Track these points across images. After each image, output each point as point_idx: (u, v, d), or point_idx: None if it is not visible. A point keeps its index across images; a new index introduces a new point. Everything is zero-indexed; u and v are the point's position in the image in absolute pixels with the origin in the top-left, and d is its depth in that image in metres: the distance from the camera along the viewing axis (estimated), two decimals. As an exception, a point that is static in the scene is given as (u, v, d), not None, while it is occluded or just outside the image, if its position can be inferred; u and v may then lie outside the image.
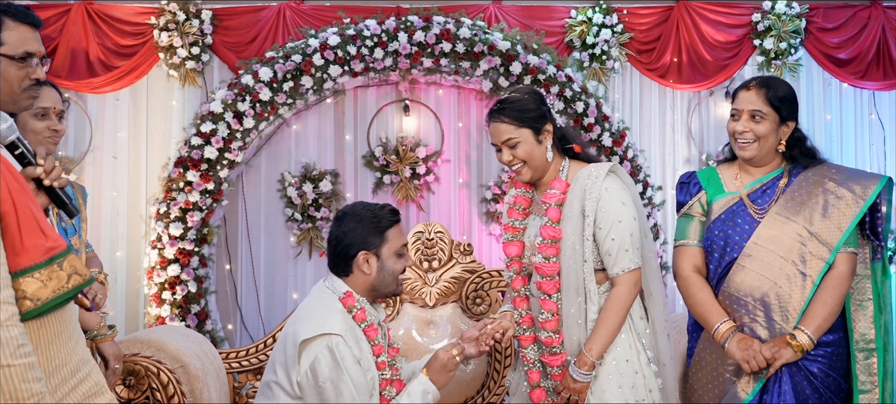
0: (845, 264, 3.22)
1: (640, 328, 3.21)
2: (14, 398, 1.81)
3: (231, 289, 6.30)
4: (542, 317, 3.21)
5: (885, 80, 6.54)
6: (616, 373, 3.13)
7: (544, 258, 3.19)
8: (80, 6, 6.03)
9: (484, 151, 6.42)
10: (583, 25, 6.30)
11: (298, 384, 3.05)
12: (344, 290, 3.17)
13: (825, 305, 3.18)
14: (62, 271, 1.98)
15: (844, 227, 3.19)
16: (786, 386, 3.18)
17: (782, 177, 3.36)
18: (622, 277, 3.12)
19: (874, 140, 6.67)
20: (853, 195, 3.21)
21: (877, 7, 6.47)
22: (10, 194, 1.92)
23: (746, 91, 3.33)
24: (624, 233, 3.12)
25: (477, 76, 6.00)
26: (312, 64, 5.80)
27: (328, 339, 3.03)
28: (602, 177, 3.17)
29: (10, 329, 1.82)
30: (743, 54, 6.46)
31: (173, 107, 6.22)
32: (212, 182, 5.84)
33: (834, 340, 3.24)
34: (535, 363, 3.29)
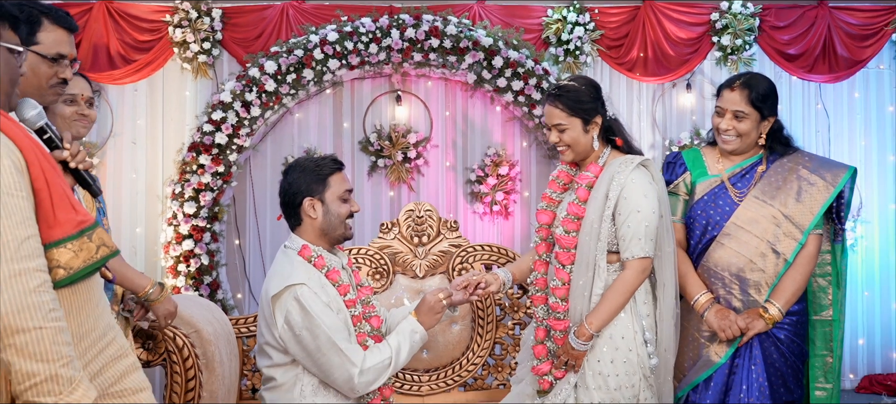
0: (814, 244, 3.24)
1: (642, 311, 3.17)
2: (45, 358, 1.80)
3: (240, 261, 6.31)
4: (553, 284, 3.20)
5: (831, 73, 6.56)
6: (610, 348, 3.12)
7: (565, 231, 3.18)
8: (101, 5, 6.00)
9: (468, 137, 6.43)
10: (558, 23, 6.31)
11: (280, 338, 3.04)
12: (300, 244, 3.15)
13: (794, 281, 3.21)
14: (92, 243, 1.97)
15: (816, 211, 3.21)
16: (756, 350, 3.21)
17: (760, 163, 3.36)
18: (631, 262, 3.09)
19: (820, 128, 6.71)
20: (824, 182, 3.23)
21: (823, 7, 6.49)
22: (42, 173, 1.92)
23: (730, 91, 3.31)
24: (639, 222, 3.08)
25: (462, 69, 6.00)
26: (313, 58, 5.79)
27: (293, 290, 3.01)
28: (630, 168, 3.14)
29: (41, 294, 1.81)
30: (702, 50, 6.48)
31: (187, 98, 6.21)
32: (222, 165, 5.83)
33: (799, 310, 3.27)
34: (542, 321, 3.29)
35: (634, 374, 3.13)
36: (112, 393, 2.08)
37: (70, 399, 1.83)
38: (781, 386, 3.20)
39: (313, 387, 3.07)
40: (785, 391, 3.21)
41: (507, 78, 5.98)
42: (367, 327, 3.14)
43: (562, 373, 3.19)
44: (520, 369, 3.49)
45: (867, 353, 6.78)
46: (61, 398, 1.82)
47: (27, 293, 1.80)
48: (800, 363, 3.30)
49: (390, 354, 3.08)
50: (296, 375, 3.07)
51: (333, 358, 2.99)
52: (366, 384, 3.04)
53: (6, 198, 1.81)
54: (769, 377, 3.19)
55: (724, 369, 3.25)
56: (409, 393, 4.15)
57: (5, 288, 1.78)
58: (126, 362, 2.15)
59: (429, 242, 4.24)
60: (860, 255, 6.68)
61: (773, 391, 3.18)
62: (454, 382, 4.21)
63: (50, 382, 1.81)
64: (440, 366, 4.22)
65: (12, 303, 1.78)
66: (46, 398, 1.82)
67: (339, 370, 3.01)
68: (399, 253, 4.20)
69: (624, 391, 3.11)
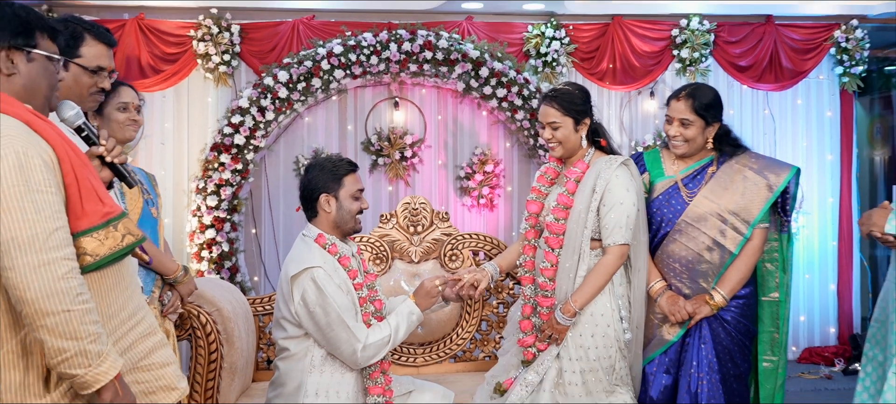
0: (759, 238, 3.22)
1: (619, 292, 3.18)
2: (74, 336, 1.80)
3: (256, 248, 6.30)
4: (543, 265, 3.20)
5: (777, 82, 6.59)
6: (591, 324, 3.13)
7: (555, 219, 3.18)
8: (133, 21, 5.98)
9: (458, 139, 6.43)
10: (537, 38, 6.31)
11: (296, 313, 3.04)
12: (316, 233, 3.15)
13: (739, 271, 3.19)
14: (117, 232, 1.95)
15: (759, 209, 3.18)
16: (705, 331, 3.20)
17: (711, 165, 3.32)
18: (612, 248, 3.10)
19: (767, 131, 6.73)
20: (768, 182, 3.20)
21: (770, 24, 6.51)
22: (72, 168, 1.90)
23: (676, 101, 3.28)
24: (622, 213, 3.09)
25: (453, 78, 6.00)
26: (321, 68, 5.78)
27: (310, 272, 3.01)
28: (615, 166, 3.15)
29: (69, 280, 1.80)
30: (664, 62, 6.49)
31: (209, 103, 6.19)
32: (240, 163, 5.83)
33: (747, 293, 3.25)
34: (530, 299, 3.29)
35: (611, 347, 3.14)
36: (142, 367, 2.08)
37: (98, 370, 1.83)
38: (729, 362, 3.20)
39: (321, 358, 3.08)
40: (732, 365, 3.21)
41: (493, 86, 5.98)
42: (372, 308, 3.15)
43: (544, 346, 3.20)
44: (506, 342, 3.50)
45: (808, 329, 6.82)
46: (90, 369, 1.82)
47: (56, 279, 1.78)
48: (747, 341, 3.28)
49: (390, 332, 3.09)
50: (307, 347, 3.08)
51: (341, 333, 3.00)
52: (367, 358, 3.05)
53: (36, 195, 1.80)
54: (717, 354, 3.19)
55: (676, 347, 3.25)
56: (406, 365, 4.16)
57: (36, 275, 1.77)
58: (154, 339, 2.13)
59: (423, 231, 4.24)
60: (802, 243, 6.71)
61: (722, 365, 3.18)
62: (445, 355, 4.22)
63: (79, 356, 1.81)
64: (433, 341, 4.22)
65: (43, 288, 1.77)
66: (77, 369, 1.81)
67: (346, 344, 3.01)
68: (397, 240, 4.20)
69: (602, 361, 3.13)
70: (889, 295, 3.03)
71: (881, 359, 3.07)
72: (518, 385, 3.20)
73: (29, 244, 1.78)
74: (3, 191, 1.78)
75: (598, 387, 3.13)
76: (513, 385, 3.23)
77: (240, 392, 3.74)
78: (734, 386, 3.21)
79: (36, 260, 1.78)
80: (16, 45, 1.92)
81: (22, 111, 1.90)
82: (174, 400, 2.13)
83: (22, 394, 1.87)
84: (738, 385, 3.23)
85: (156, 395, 2.09)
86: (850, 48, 6.56)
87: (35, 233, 1.78)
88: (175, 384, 2.14)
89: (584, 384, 3.12)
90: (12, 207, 1.78)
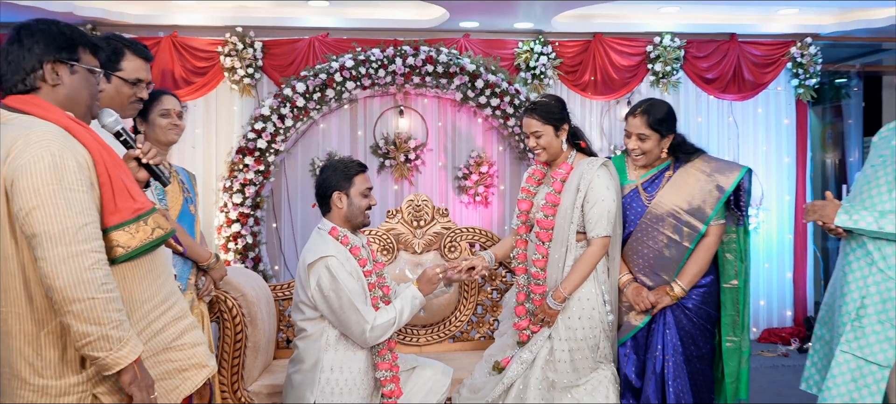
0: (714, 234, 3.17)
1: (602, 279, 3.18)
2: (97, 322, 1.78)
3: (276, 240, 6.31)
4: (534, 257, 3.19)
5: (740, 93, 6.60)
6: (578, 307, 3.12)
7: (544, 215, 3.17)
8: (168, 39, 5.99)
9: (456, 143, 6.43)
10: (527, 53, 6.31)
11: (312, 297, 3.04)
12: (330, 227, 3.14)
13: (696, 264, 3.15)
14: (147, 225, 1.94)
15: (712, 208, 3.13)
16: (669, 317, 3.16)
17: (668, 170, 3.27)
18: (596, 240, 3.10)
19: (730, 136, 6.73)
20: (718, 184, 3.15)
21: (734, 41, 6.51)
22: (105, 169, 1.89)
23: (633, 117, 3.23)
24: (603, 209, 3.09)
25: (451, 89, 6.01)
26: (334, 80, 5.79)
27: (325, 260, 3.01)
28: (596, 167, 3.15)
29: (95, 271, 1.79)
30: (640, 75, 6.49)
31: (234, 112, 6.20)
32: (262, 164, 5.83)
33: (708, 282, 3.21)
34: (523, 287, 3.28)
35: (596, 327, 3.14)
36: (174, 347, 2.06)
37: (118, 353, 1.82)
38: (692, 345, 3.18)
39: (335, 338, 3.08)
40: (694, 348, 3.18)
41: (487, 96, 5.99)
42: (379, 293, 3.15)
43: (538, 328, 3.20)
44: (502, 325, 3.49)
45: (767, 312, 6.83)
46: (111, 353, 1.81)
47: (83, 270, 1.78)
48: (708, 325, 3.24)
49: (395, 315, 3.09)
50: (322, 328, 3.08)
51: (352, 315, 3.01)
52: (375, 337, 3.05)
53: (69, 193, 1.79)
54: (680, 338, 3.16)
55: (643, 332, 3.23)
56: (410, 344, 4.17)
57: (65, 265, 1.77)
58: (185, 322, 2.12)
59: (425, 225, 4.25)
60: (762, 236, 6.72)
61: (685, 348, 3.16)
62: (445, 335, 4.22)
63: (102, 340, 1.80)
64: (434, 323, 4.23)
65: (70, 277, 1.76)
66: (99, 352, 1.80)
67: (356, 326, 3.02)
68: (402, 234, 4.21)
69: (588, 340, 3.13)
70: (837, 281, 3.04)
71: (828, 338, 3.08)
72: (514, 362, 3.21)
73: (60, 237, 1.77)
74: (39, 189, 1.78)
75: (584, 364, 3.14)
76: (509, 363, 3.23)
77: (262, 368, 3.75)
78: (698, 365, 3.20)
79: (65, 251, 1.77)
80: (60, 58, 1.93)
81: (61, 117, 1.90)
82: (204, 376, 2.12)
83: (61, 370, 1.88)
84: (702, 365, 3.22)
85: (188, 372, 2.08)
86: (805, 63, 6.57)
87: (65, 228, 1.78)
88: (205, 362, 2.12)
89: (572, 361, 3.13)
90: (46, 203, 1.77)
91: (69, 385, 1.88)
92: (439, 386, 3.29)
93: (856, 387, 2.84)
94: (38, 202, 1.78)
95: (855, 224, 2.81)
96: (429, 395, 3.26)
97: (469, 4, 5.68)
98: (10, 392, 1.89)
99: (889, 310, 2.80)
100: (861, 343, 2.85)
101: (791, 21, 6.53)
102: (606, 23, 6.39)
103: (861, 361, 2.84)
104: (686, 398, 3.13)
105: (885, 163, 2.90)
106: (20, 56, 1.91)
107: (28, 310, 1.86)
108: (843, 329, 2.90)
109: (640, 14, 6.35)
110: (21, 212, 1.79)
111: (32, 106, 1.89)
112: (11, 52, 1.92)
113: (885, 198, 2.82)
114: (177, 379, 2.05)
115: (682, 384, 3.14)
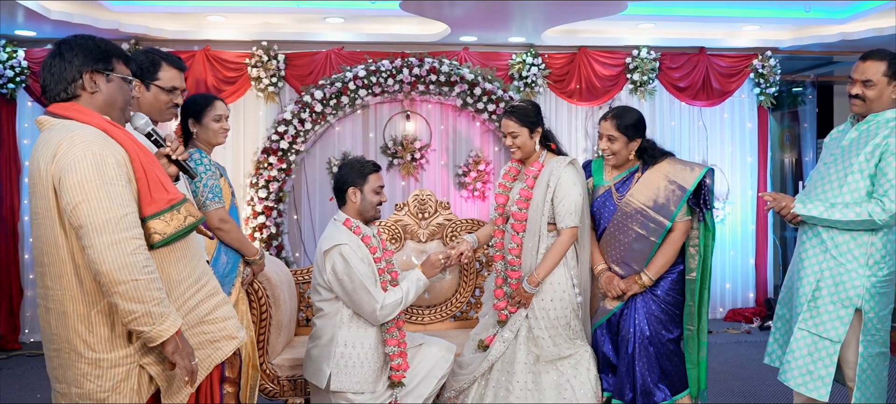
0: (679, 230, 3.11)
1: (571, 264, 3.17)
2: (141, 300, 1.79)
3: (297, 231, 6.30)
4: (510, 246, 3.19)
5: (708, 100, 6.58)
6: (550, 291, 3.12)
7: (519, 209, 3.16)
8: (201, 52, 5.97)
9: (457, 144, 6.42)
10: (520, 64, 6.29)
11: (328, 280, 3.04)
12: (344, 218, 3.13)
13: (664, 256, 3.10)
14: (180, 214, 1.94)
15: (676, 205, 3.07)
16: (639, 303, 3.13)
17: (638, 171, 3.21)
18: (565, 230, 3.09)
19: (700, 138, 6.71)
20: (680, 184, 3.09)
21: (703, 54, 6.49)
22: (140, 163, 1.90)
23: (605, 121, 3.18)
24: (570, 202, 3.07)
25: (452, 96, 5.99)
26: (348, 88, 5.77)
27: (339, 248, 3.01)
28: (564, 165, 3.13)
29: (136, 255, 1.80)
30: (620, 84, 6.47)
31: (260, 116, 6.18)
32: (285, 163, 5.83)
33: (679, 271, 3.18)
34: (501, 272, 3.28)
35: (567, 308, 3.14)
36: (208, 320, 2.07)
37: (161, 327, 1.83)
38: (662, 328, 3.13)
39: (349, 317, 3.08)
40: (665, 331, 3.13)
41: (484, 103, 5.97)
42: (388, 277, 3.15)
43: (515, 309, 3.19)
44: (484, 307, 3.49)
45: (732, 294, 6.82)
46: (155, 327, 1.82)
47: (126, 255, 1.78)
48: (677, 310, 3.17)
49: (402, 295, 3.09)
50: (337, 308, 3.08)
51: (364, 296, 3.00)
52: (385, 315, 3.05)
53: (110, 187, 1.80)
54: (648, 322, 3.12)
55: (616, 316, 3.20)
56: (415, 323, 4.16)
57: (110, 252, 1.77)
58: (217, 298, 2.12)
59: (429, 217, 4.24)
60: (728, 226, 6.71)
61: (653, 331, 3.11)
62: (446, 315, 4.22)
63: (146, 317, 1.81)
64: (436, 303, 4.22)
65: (115, 262, 1.77)
66: (144, 327, 1.82)
67: (367, 305, 3.01)
68: (408, 224, 4.20)
69: (560, 319, 3.13)
70: (795, 266, 3.03)
71: (788, 317, 3.07)
72: (497, 341, 3.20)
73: (104, 226, 1.78)
74: (83, 185, 1.78)
75: (560, 340, 3.14)
76: (493, 341, 3.23)
77: (285, 344, 3.75)
78: (671, 348, 3.14)
79: (109, 239, 1.77)
80: (97, 69, 1.94)
81: (100, 121, 1.90)
82: (234, 346, 2.13)
83: (112, 344, 1.89)
84: (675, 346, 3.16)
85: (219, 343, 2.09)
86: (766, 73, 6.54)
87: (108, 218, 1.78)
88: (234, 334, 2.13)
89: (551, 337, 3.13)
90: (90, 197, 1.78)
91: (119, 357, 1.89)
92: (443, 361, 3.28)
93: (812, 361, 2.84)
94: (84, 197, 1.78)
95: (808, 212, 2.86)
96: (434, 370, 3.25)
97: (468, 21, 5.66)
98: (69, 364, 1.91)
99: (840, 292, 2.81)
100: (816, 321, 2.85)
101: (753, 36, 6.51)
102: (590, 37, 6.37)
103: (816, 337, 2.84)
104: (651, 377, 3.09)
105: (835, 161, 2.92)
106: (62, 68, 1.92)
107: (79, 293, 1.87)
108: (801, 309, 2.90)
109: (620, 29, 6.32)
110: (68, 205, 1.80)
111: (74, 112, 1.90)
112: (54, 65, 1.93)
113: (837, 192, 2.85)
114: (209, 349, 2.06)
115: (646, 365, 3.10)
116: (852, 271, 2.79)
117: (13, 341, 5.80)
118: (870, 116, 2.87)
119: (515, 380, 3.16)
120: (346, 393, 3.04)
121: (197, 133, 2.97)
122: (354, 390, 3.04)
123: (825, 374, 2.81)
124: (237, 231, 2.97)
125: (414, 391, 3.18)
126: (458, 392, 3.30)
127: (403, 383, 3.13)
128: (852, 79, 2.89)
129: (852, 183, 2.81)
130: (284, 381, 3.56)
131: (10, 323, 5.83)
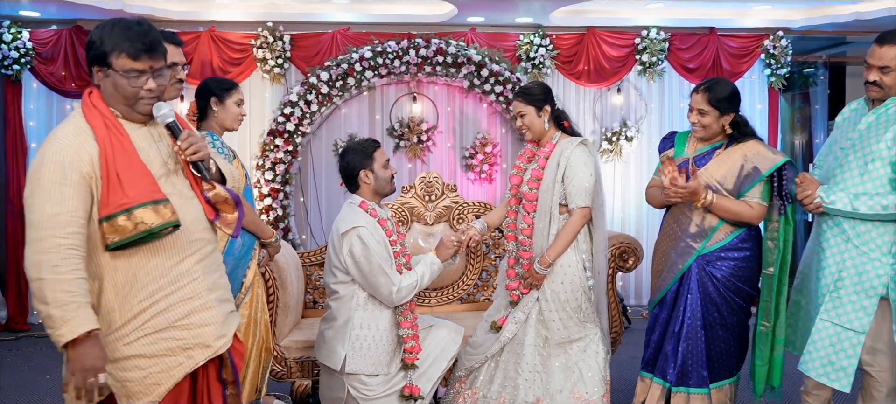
0: (755, 208, 2.98)
1: (583, 247, 3.16)
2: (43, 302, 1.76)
3: (303, 213, 6.30)
4: (522, 226, 3.19)
5: (718, 81, 6.51)
6: (561, 272, 3.12)
7: (530, 189, 3.16)
8: (207, 33, 5.95)
9: (464, 126, 6.39)
10: (527, 45, 6.25)
11: (344, 262, 3.04)
12: (359, 200, 3.12)
13: (728, 211, 2.97)
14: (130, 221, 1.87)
15: (745, 186, 2.95)
16: (693, 283, 3.03)
17: (721, 148, 3.08)
18: (576, 211, 3.08)
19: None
20: (756, 167, 2.96)
21: (713, 35, 6.43)
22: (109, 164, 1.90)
23: (696, 94, 3.06)
24: (581, 183, 3.07)
25: (459, 78, 5.96)
26: (354, 70, 5.75)
27: (357, 230, 3.01)
28: (574, 146, 3.12)
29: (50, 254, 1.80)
30: (629, 65, 6.42)
31: (266, 98, 6.17)
32: (291, 145, 5.82)
33: (741, 257, 3.03)
34: (513, 252, 3.28)
35: (577, 290, 3.13)
36: (179, 326, 1.96)
37: (58, 332, 1.77)
38: (715, 312, 3.03)
39: (364, 299, 3.08)
40: (718, 316, 3.04)
41: (491, 84, 5.94)
42: (403, 260, 3.15)
43: (527, 290, 3.19)
44: (498, 288, 3.50)
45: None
46: (53, 331, 1.78)
47: (38, 253, 1.77)
48: (737, 298, 3.04)
49: (417, 278, 3.10)
50: (353, 290, 3.08)
51: (380, 278, 3.01)
52: (401, 298, 3.06)
53: (51, 186, 1.81)
54: (703, 304, 3.03)
55: (672, 293, 3.10)
56: (423, 306, 4.17)
57: (29, 249, 1.79)
58: (197, 303, 1.99)
59: (436, 199, 4.24)
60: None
61: (706, 314, 3.02)
62: (454, 297, 4.22)
63: (47, 318, 1.78)
64: (444, 286, 4.23)
65: (29, 259, 1.78)
66: (48, 329, 1.80)
67: (384, 287, 3.02)
68: (415, 207, 4.20)
69: (571, 302, 3.13)
70: (812, 254, 3.00)
71: (804, 304, 3.04)
72: (510, 322, 3.21)
73: (34, 223, 1.81)
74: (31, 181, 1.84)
75: (571, 323, 3.14)
76: (505, 322, 3.23)
77: (292, 325, 3.76)
78: (720, 333, 3.05)
79: (33, 235, 1.80)
80: (98, 65, 1.95)
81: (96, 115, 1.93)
82: (207, 356, 1.99)
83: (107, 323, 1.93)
84: (725, 333, 3.06)
85: (192, 350, 1.97)
86: (777, 54, 6.48)
87: (40, 216, 1.81)
88: (210, 342, 1.99)
89: (561, 320, 3.13)
90: (33, 193, 1.83)
91: None
92: (452, 344, 3.30)
93: (834, 351, 2.82)
94: (29, 192, 1.84)
95: (832, 204, 2.80)
96: (444, 351, 3.27)
97: (475, 1, 5.61)
98: None
99: (863, 282, 2.77)
100: (839, 312, 2.82)
101: (764, 16, 6.44)
102: (599, 17, 6.31)
103: (838, 328, 2.81)
104: (693, 360, 3.03)
105: (854, 147, 2.86)
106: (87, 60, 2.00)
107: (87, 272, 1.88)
108: (822, 299, 2.85)
109: (629, 10, 6.26)
110: None
111: (83, 102, 1.97)
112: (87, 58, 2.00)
113: (857, 181, 2.80)
114: (181, 356, 1.96)
115: (693, 346, 3.03)
116: (875, 260, 2.76)
117: (22, 322, 5.84)
118: (889, 100, 2.82)
119: (524, 362, 3.17)
120: (360, 375, 3.06)
121: (216, 113, 2.97)
122: (369, 372, 3.06)
123: (848, 365, 2.78)
124: (252, 213, 2.98)
125: (425, 373, 3.19)
126: (469, 371, 3.32)
127: (416, 365, 3.14)
128: (868, 64, 2.81)
129: (873, 171, 2.75)
130: (292, 363, 3.58)
131: (18, 305, 5.87)
